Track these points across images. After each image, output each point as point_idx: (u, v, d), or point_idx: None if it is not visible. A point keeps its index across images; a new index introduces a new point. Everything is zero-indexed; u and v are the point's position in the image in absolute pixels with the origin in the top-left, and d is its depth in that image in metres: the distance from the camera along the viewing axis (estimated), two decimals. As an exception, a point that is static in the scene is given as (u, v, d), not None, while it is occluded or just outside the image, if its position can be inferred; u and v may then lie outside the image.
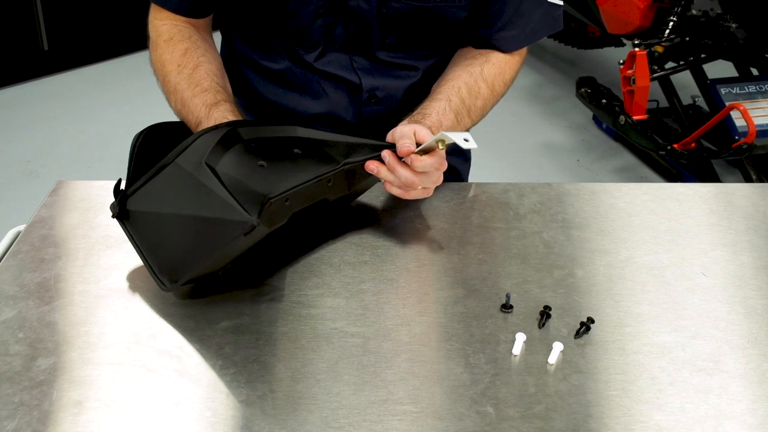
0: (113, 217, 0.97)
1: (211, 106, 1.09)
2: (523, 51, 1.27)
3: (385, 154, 1.02)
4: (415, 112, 1.13)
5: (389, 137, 1.06)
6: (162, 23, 1.20)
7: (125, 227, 0.97)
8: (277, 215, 0.93)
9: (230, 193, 0.89)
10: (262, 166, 0.95)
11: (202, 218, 0.90)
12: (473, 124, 1.20)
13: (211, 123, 1.06)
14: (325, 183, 0.99)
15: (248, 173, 0.93)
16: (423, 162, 1.00)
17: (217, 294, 0.97)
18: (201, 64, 1.15)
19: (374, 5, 1.16)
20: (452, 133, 0.96)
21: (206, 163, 0.92)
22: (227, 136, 0.96)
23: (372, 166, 1.02)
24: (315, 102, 1.26)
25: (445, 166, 1.04)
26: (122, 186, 0.97)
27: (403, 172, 1.01)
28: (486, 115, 1.24)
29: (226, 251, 0.91)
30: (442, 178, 1.06)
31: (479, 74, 1.20)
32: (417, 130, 1.03)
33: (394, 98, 1.27)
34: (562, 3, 1.24)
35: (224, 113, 1.07)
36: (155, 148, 0.98)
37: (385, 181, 1.03)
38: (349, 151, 1.03)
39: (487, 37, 1.23)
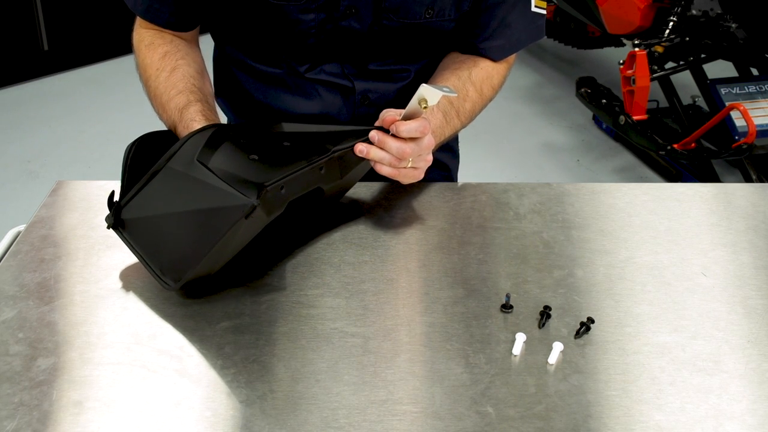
0: (109, 228, 0.97)
1: (181, 109, 1.10)
2: (510, 59, 1.30)
3: (373, 133, 1.03)
4: None
5: (376, 124, 1.07)
6: (146, 31, 1.21)
7: (123, 236, 0.97)
8: (274, 203, 0.94)
9: (226, 182, 0.90)
10: (254, 159, 0.95)
11: (200, 211, 0.90)
12: (462, 126, 1.23)
13: (183, 125, 1.07)
14: (317, 170, 1.00)
15: (241, 167, 0.94)
16: (408, 126, 1.01)
17: (217, 294, 0.97)
18: (179, 66, 1.16)
19: (366, 25, 1.17)
20: (432, 85, 0.97)
21: (198, 161, 0.92)
22: (216, 135, 0.96)
23: (361, 147, 1.03)
24: (308, 103, 1.26)
25: (429, 133, 1.04)
26: (116, 197, 0.97)
27: (393, 142, 1.02)
28: (474, 118, 1.26)
29: (227, 240, 0.90)
30: (431, 157, 1.07)
31: (467, 78, 1.22)
32: (402, 112, 1.04)
33: (387, 98, 1.28)
34: (545, 12, 1.26)
35: (193, 114, 1.08)
36: (148, 158, 0.98)
37: (375, 162, 1.04)
38: (337, 139, 1.04)
39: (474, 45, 1.26)
